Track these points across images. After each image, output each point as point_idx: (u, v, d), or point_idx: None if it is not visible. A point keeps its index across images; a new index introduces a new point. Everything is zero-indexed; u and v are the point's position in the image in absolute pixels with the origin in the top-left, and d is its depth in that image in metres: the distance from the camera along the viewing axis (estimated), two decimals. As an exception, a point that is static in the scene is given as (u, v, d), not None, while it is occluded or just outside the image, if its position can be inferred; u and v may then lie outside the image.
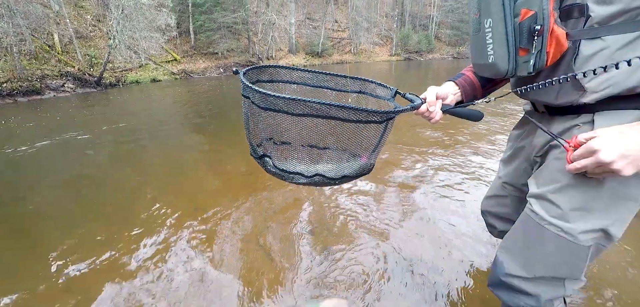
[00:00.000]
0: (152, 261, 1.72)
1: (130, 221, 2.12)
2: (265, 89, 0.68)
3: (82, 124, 5.35)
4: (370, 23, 25.80)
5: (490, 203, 1.23)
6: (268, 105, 0.68)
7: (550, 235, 0.79)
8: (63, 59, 11.11)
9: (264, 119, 0.74)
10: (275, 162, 0.82)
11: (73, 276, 1.65)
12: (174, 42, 15.96)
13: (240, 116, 5.39)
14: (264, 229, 1.95)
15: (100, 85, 10.79)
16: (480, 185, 2.47)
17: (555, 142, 0.81)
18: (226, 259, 1.71)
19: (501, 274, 0.91)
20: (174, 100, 7.89)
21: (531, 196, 0.86)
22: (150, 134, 4.58)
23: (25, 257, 1.81)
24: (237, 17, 17.04)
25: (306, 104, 0.67)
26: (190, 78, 14.06)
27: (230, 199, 2.33)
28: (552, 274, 0.82)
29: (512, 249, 0.90)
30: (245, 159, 3.20)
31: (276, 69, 0.93)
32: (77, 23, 13.09)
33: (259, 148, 0.86)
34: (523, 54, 0.72)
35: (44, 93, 9.19)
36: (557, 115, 0.81)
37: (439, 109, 0.91)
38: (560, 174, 0.77)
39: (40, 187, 2.82)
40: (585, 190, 0.73)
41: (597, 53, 0.66)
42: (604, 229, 0.74)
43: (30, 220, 2.25)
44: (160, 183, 2.77)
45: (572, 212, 0.75)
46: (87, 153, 3.76)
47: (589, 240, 0.75)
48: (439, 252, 1.71)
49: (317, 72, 0.95)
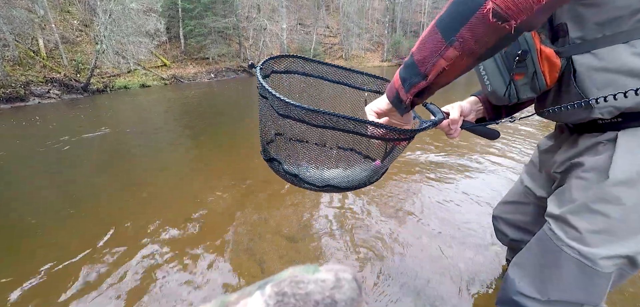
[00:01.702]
0: (137, 271, 1.66)
1: (116, 232, 2.05)
2: (282, 91, 0.64)
3: (65, 130, 5.21)
4: (361, 29, 26.06)
5: (507, 209, 1.18)
6: (287, 112, 0.62)
7: (568, 258, 0.75)
8: (48, 64, 10.86)
9: (280, 122, 0.70)
10: (285, 167, 0.77)
11: (54, 288, 1.57)
12: (163, 47, 15.81)
13: (231, 123, 5.39)
14: (253, 235, 1.91)
15: (87, 91, 10.58)
16: (483, 187, 2.47)
17: (577, 159, 0.78)
18: (213, 265, 1.66)
19: (513, 292, 0.87)
20: (164, 107, 7.77)
21: (549, 216, 0.82)
22: (137, 141, 4.48)
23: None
24: (228, 22, 17.00)
25: (330, 118, 0.61)
26: (180, 83, 13.91)
27: (220, 207, 2.28)
28: (567, 298, 0.78)
29: (526, 268, 0.86)
30: (236, 167, 3.15)
31: (295, 60, 0.87)
32: (63, 28, 12.84)
33: (269, 146, 0.81)
34: (519, 78, 0.73)
35: (28, 99, 8.96)
36: (584, 132, 0.77)
37: (459, 126, 0.88)
38: (581, 194, 0.74)
39: (18, 193, 2.71)
40: (610, 213, 0.69)
41: (594, 67, 0.65)
42: (630, 256, 0.69)
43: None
44: (146, 191, 2.69)
45: (592, 236, 0.71)
46: (70, 160, 3.65)
47: (611, 267, 0.71)
48: (436, 258, 1.67)
49: (335, 67, 0.90)
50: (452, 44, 0.50)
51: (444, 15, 0.52)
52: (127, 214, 2.33)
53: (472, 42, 0.48)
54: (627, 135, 0.67)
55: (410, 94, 0.59)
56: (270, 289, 0.23)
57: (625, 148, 0.67)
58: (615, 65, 0.63)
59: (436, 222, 2.02)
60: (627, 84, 0.62)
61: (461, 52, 0.50)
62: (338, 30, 26.11)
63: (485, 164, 2.99)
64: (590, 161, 0.73)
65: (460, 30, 0.48)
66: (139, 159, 3.80)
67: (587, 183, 0.73)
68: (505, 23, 0.45)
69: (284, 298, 0.23)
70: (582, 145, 0.76)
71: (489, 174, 2.75)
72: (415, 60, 0.56)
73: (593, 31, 0.65)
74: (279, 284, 0.24)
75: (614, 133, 0.69)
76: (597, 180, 0.71)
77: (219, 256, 1.76)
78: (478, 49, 0.49)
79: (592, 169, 0.72)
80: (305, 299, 0.22)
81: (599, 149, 0.72)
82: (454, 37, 0.49)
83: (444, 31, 0.51)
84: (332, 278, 0.24)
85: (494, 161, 3.07)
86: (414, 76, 0.57)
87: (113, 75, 12.27)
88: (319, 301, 0.22)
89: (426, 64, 0.54)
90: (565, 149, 0.84)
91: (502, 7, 0.44)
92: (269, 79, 0.81)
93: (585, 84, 0.67)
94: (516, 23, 0.44)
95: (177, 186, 2.88)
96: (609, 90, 0.64)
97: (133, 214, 2.32)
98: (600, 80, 0.65)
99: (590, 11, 0.64)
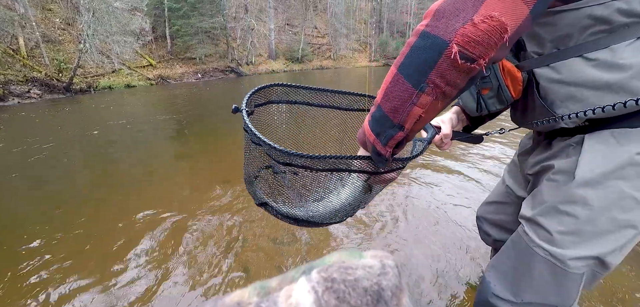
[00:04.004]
0: (128, 272, 1.71)
1: (106, 233, 2.08)
2: (269, 138, 0.57)
3: (44, 131, 5.13)
4: (349, 29, 26.29)
5: (490, 209, 1.18)
6: (289, 161, 0.59)
7: (539, 259, 0.76)
8: (28, 64, 10.57)
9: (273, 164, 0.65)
10: (278, 208, 0.73)
11: (44, 285, 1.61)
12: (149, 47, 15.57)
13: (218, 123, 5.35)
14: (243, 239, 1.88)
15: (69, 91, 10.35)
16: (475, 190, 2.48)
17: (547, 162, 0.79)
18: (199, 268, 1.72)
19: (488, 294, 0.87)
20: (148, 107, 7.69)
21: (522, 218, 0.83)
22: (122, 142, 4.46)
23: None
24: (215, 22, 16.88)
25: (329, 161, 0.58)
26: (166, 84, 13.74)
27: (207, 209, 2.31)
28: (540, 300, 0.78)
29: (501, 270, 0.87)
30: (224, 169, 3.19)
31: (278, 88, 0.80)
32: (45, 26, 12.52)
33: (257, 181, 0.75)
34: (486, 92, 0.78)
35: (7, 99, 8.71)
36: (557, 136, 0.79)
37: (450, 139, 0.91)
38: (550, 196, 0.75)
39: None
40: (577, 214, 0.69)
41: (553, 79, 0.68)
42: (599, 257, 0.69)
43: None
44: (133, 193, 2.72)
45: (562, 237, 0.72)
46: (52, 162, 3.62)
47: (581, 268, 0.71)
48: (431, 257, 1.67)
49: (320, 90, 0.84)
50: (423, 91, 0.48)
51: (406, 62, 0.50)
52: (116, 215, 2.34)
53: (444, 86, 0.47)
54: (593, 138, 0.68)
55: (389, 147, 0.56)
56: (318, 275, 0.23)
57: (589, 150, 0.68)
58: (572, 79, 0.65)
59: (430, 223, 1.99)
60: (587, 96, 0.64)
61: (435, 97, 0.48)
62: (326, 30, 26.25)
63: (475, 163, 3.07)
64: (559, 163, 0.74)
65: (429, 75, 0.47)
66: (122, 161, 3.77)
67: (556, 185, 0.74)
68: (474, 64, 0.44)
69: (333, 284, 0.22)
70: (555, 148, 0.78)
71: (481, 174, 2.75)
72: (386, 111, 0.53)
73: (548, 47, 0.68)
74: (326, 269, 0.23)
75: (581, 136, 0.70)
76: (565, 182, 0.72)
77: (200, 258, 1.73)
78: (451, 91, 0.48)
79: (560, 171, 0.73)
80: (354, 286, 0.22)
81: (569, 152, 0.73)
82: (424, 82, 0.47)
83: (411, 78, 0.49)
84: (378, 264, 0.24)
85: (483, 161, 3.13)
86: (388, 129, 0.54)
87: (97, 75, 12.03)
88: (367, 287, 0.22)
89: (400, 114, 0.51)
90: (539, 151, 0.86)
91: (468, 49, 0.43)
92: (254, 114, 0.76)
93: (549, 97, 0.70)
94: (485, 61, 0.44)
95: (159, 189, 2.88)
96: (570, 103, 0.66)
97: (123, 214, 2.34)
98: (561, 93, 0.67)
99: (543, 29, 0.67)
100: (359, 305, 0.21)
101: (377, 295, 0.22)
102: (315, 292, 0.21)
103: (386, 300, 0.22)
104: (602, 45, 0.61)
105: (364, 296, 0.21)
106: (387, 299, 0.22)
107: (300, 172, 0.64)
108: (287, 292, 0.22)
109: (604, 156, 0.66)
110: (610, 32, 0.60)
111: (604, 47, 0.61)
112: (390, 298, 0.22)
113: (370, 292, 0.22)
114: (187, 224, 2.04)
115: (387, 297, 0.22)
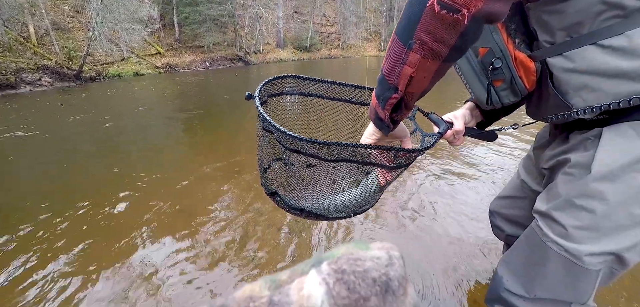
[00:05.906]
0: (136, 263, 1.67)
1: (111, 224, 2.05)
2: (283, 110, 0.61)
3: (59, 119, 5.15)
4: (358, 18, 25.79)
5: (503, 204, 1.16)
6: (298, 147, 0.60)
7: (554, 254, 0.74)
8: (39, 51, 10.65)
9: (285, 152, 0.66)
10: (287, 200, 0.74)
11: (50, 276, 1.57)
12: (157, 35, 15.53)
13: (226, 113, 5.34)
14: (251, 232, 1.87)
15: (79, 79, 10.42)
16: (482, 186, 2.40)
17: (564, 156, 0.77)
18: (214, 259, 1.67)
19: (501, 289, 0.86)
20: (158, 96, 7.69)
21: (536, 212, 0.81)
22: (132, 131, 4.44)
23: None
24: (223, 9, 16.72)
25: (341, 148, 0.58)
26: (175, 72, 13.73)
27: (217, 201, 2.27)
28: (554, 296, 0.77)
29: (514, 265, 0.85)
30: (231, 160, 3.14)
31: (285, 79, 0.81)
32: (54, 14, 12.55)
33: (268, 172, 0.76)
34: (499, 84, 0.75)
35: (20, 87, 8.80)
36: (574, 129, 0.76)
37: (462, 135, 0.88)
38: (566, 190, 0.73)
39: (10, 181, 2.69)
40: (594, 208, 0.67)
41: (567, 68, 0.65)
42: (616, 253, 0.67)
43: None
44: (142, 183, 2.68)
45: (577, 232, 0.70)
46: (65, 149, 3.62)
47: (597, 264, 0.69)
48: (438, 254, 1.62)
49: (333, 83, 0.85)
50: (411, 48, 0.48)
51: (400, 20, 0.50)
52: (126, 206, 2.32)
53: (431, 42, 0.47)
54: (611, 131, 0.66)
55: (386, 110, 0.57)
56: (328, 267, 0.23)
57: (607, 143, 0.66)
58: (585, 67, 0.62)
59: (443, 219, 1.94)
60: (601, 84, 0.62)
61: (423, 55, 0.48)
62: (335, 19, 25.81)
63: (488, 158, 2.97)
64: (576, 156, 0.72)
65: (416, 31, 0.47)
66: (132, 151, 3.77)
67: (571, 179, 0.72)
68: (456, 14, 0.42)
69: (344, 276, 0.22)
70: (572, 141, 0.76)
71: (494, 169, 2.67)
72: (384, 73, 0.55)
73: (560, 35, 0.65)
74: (336, 261, 0.23)
75: (599, 129, 0.68)
76: (581, 175, 0.70)
77: (214, 250, 1.73)
78: (440, 48, 0.47)
79: (576, 165, 0.72)
80: (363, 276, 0.22)
81: (587, 145, 0.71)
82: (411, 40, 0.48)
83: (401, 36, 0.49)
84: (386, 256, 0.24)
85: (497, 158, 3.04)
86: (386, 91, 0.55)
87: (106, 63, 12.06)
88: (376, 278, 0.22)
89: (393, 74, 0.53)
90: (555, 145, 0.83)
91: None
92: (267, 104, 0.77)
93: (562, 87, 0.67)
94: (469, 12, 0.42)
95: (168, 178, 2.87)
96: (584, 92, 0.64)
97: (133, 205, 2.31)
98: (575, 83, 0.65)
99: (553, 18, 0.65)
100: (368, 295, 0.22)
101: (386, 285, 0.23)
102: (326, 284, 0.22)
103: (394, 289, 0.23)
104: (617, 32, 0.58)
105: (373, 286, 0.22)
106: (394, 288, 0.23)
107: (309, 162, 0.65)
108: (299, 284, 0.22)
109: (622, 148, 0.64)
110: (625, 18, 0.57)
111: (619, 34, 0.58)
112: (397, 288, 0.23)
113: (379, 282, 0.23)
114: (196, 217, 2.01)
115: (394, 287, 0.23)
